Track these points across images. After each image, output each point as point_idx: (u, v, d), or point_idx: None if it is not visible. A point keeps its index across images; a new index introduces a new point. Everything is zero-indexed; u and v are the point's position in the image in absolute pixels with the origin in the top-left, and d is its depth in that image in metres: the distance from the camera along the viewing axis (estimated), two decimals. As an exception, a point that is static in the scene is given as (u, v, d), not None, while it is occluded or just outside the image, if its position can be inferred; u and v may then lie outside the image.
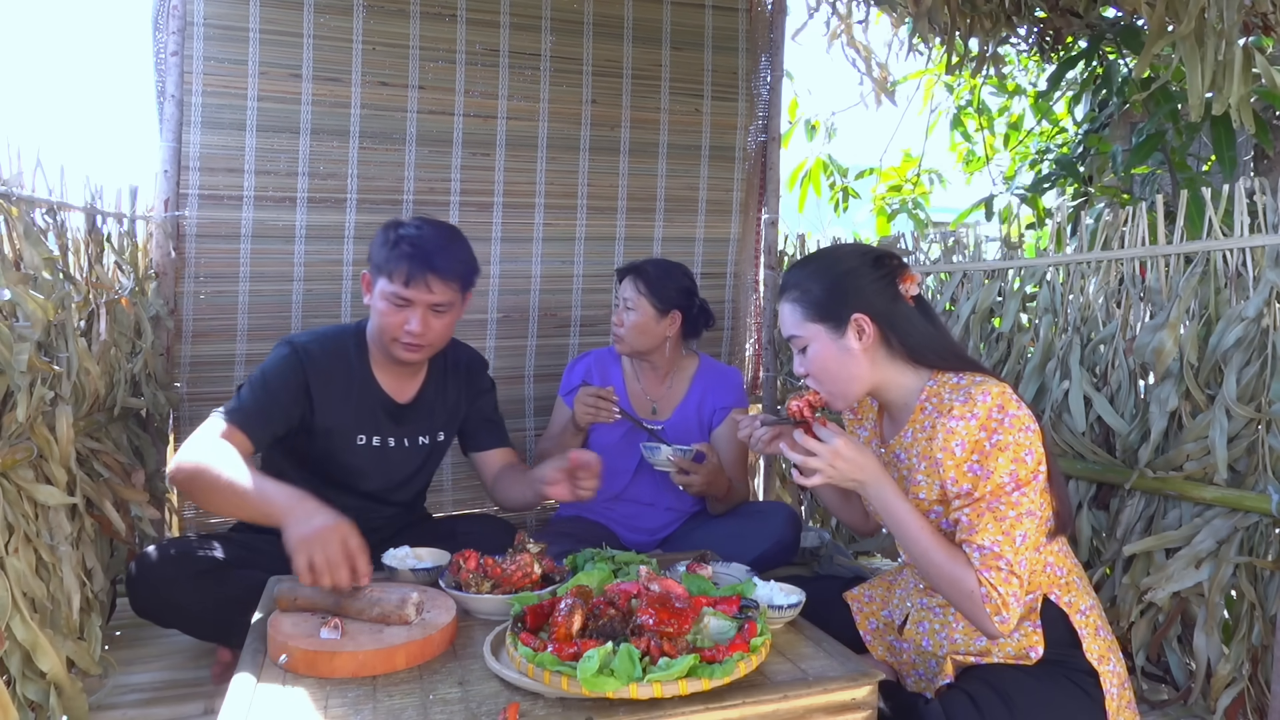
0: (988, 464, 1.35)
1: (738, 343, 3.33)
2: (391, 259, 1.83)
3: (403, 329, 1.85)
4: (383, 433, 1.99)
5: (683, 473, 2.18)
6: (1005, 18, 3.37)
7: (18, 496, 1.59)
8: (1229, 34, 2.28)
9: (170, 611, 1.82)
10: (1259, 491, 1.73)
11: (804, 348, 1.53)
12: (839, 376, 1.50)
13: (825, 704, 1.23)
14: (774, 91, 3.26)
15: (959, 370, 1.47)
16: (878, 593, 1.73)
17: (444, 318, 1.89)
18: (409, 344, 1.87)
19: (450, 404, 2.09)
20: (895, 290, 1.49)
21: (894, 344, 1.49)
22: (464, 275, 1.90)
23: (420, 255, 1.81)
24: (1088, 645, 1.43)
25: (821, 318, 1.49)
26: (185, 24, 2.53)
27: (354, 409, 1.95)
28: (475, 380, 2.14)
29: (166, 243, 2.54)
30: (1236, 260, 1.81)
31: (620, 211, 3.08)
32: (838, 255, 1.56)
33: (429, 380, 2.06)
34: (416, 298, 1.83)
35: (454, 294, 1.88)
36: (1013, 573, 1.33)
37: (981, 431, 1.36)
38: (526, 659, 1.19)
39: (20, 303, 1.55)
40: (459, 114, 2.84)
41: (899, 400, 1.53)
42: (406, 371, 2.00)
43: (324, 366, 1.91)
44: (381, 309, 1.86)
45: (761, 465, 3.28)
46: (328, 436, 1.93)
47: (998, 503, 1.35)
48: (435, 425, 2.07)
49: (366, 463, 1.99)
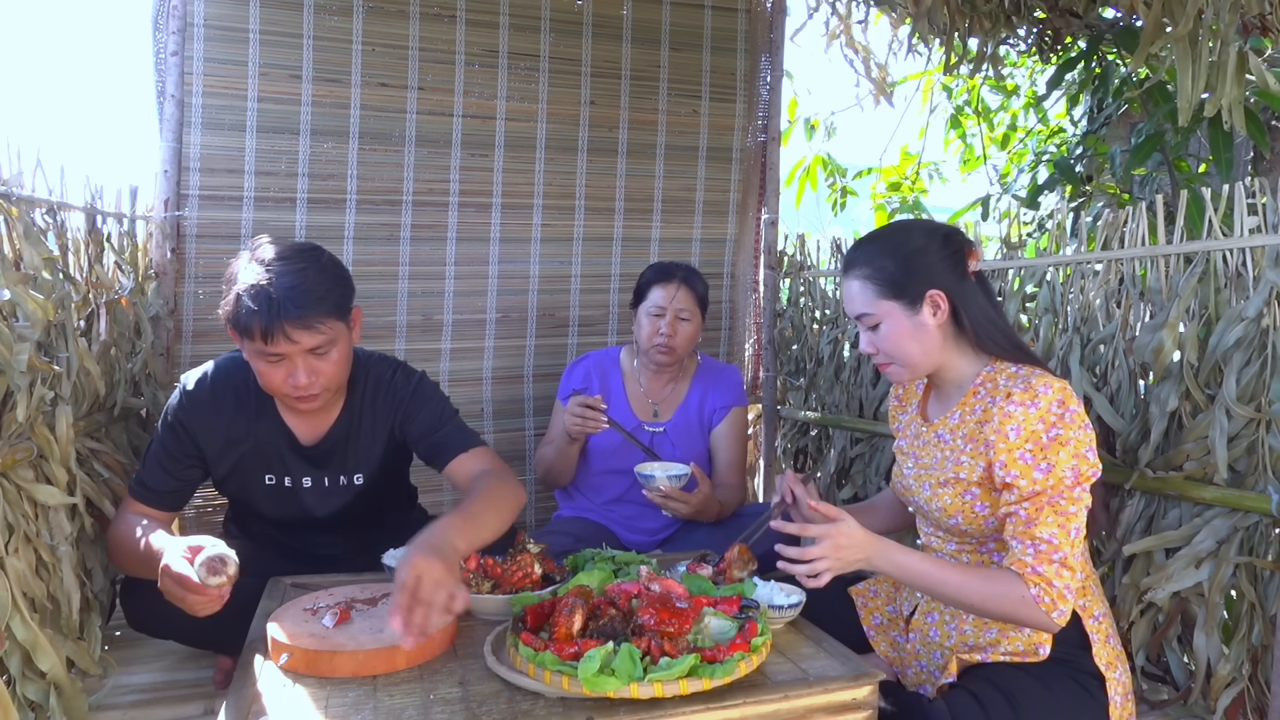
0: (1049, 458, 1.35)
1: (737, 343, 3.33)
2: (239, 318, 1.59)
3: (286, 383, 1.64)
4: (292, 473, 1.83)
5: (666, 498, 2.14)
6: (1005, 18, 3.38)
7: (18, 496, 1.59)
8: (1226, 35, 2.28)
9: (165, 623, 1.79)
10: (1259, 491, 1.73)
11: (874, 325, 1.52)
12: (911, 353, 1.50)
13: (826, 704, 1.23)
14: (774, 92, 3.26)
15: (1017, 360, 1.48)
16: (883, 588, 1.74)
17: (328, 357, 1.65)
18: (299, 397, 1.66)
19: (369, 439, 1.85)
20: (964, 267, 1.50)
21: (963, 323, 1.49)
22: (332, 308, 1.63)
23: (267, 308, 1.55)
24: (1097, 650, 1.43)
25: (896, 294, 1.49)
26: (185, 24, 2.53)
27: (255, 449, 1.79)
28: (404, 399, 1.85)
29: (165, 243, 2.54)
30: (1236, 260, 1.81)
31: (618, 212, 3.08)
32: (908, 231, 1.55)
33: (343, 415, 1.83)
34: (284, 350, 1.60)
35: (327, 332, 1.62)
36: (1066, 565, 1.33)
37: (1040, 424, 1.36)
38: (527, 659, 1.19)
39: (20, 303, 1.55)
40: (458, 115, 2.84)
41: (952, 381, 1.54)
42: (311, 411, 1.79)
43: (212, 411, 1.77)
44: (258, 368, 1.65)
45: (761, 465, 3.28)
46: (233, 477, 1.83)
47: (1059, 497, 1.35)
48: (350, 467, 1.85)
49: (283, 502, 1.85)
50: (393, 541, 1.76)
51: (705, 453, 2.46)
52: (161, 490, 1.74)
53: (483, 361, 2.98)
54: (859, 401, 2.83)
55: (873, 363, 1.54)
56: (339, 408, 1.83)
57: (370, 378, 1.85)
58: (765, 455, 3.25)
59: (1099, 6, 3.44)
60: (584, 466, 2.46)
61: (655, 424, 2.42)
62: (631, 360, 2.48)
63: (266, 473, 1.83)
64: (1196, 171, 3.73)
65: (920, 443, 1.60)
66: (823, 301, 3.10)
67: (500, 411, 3.01)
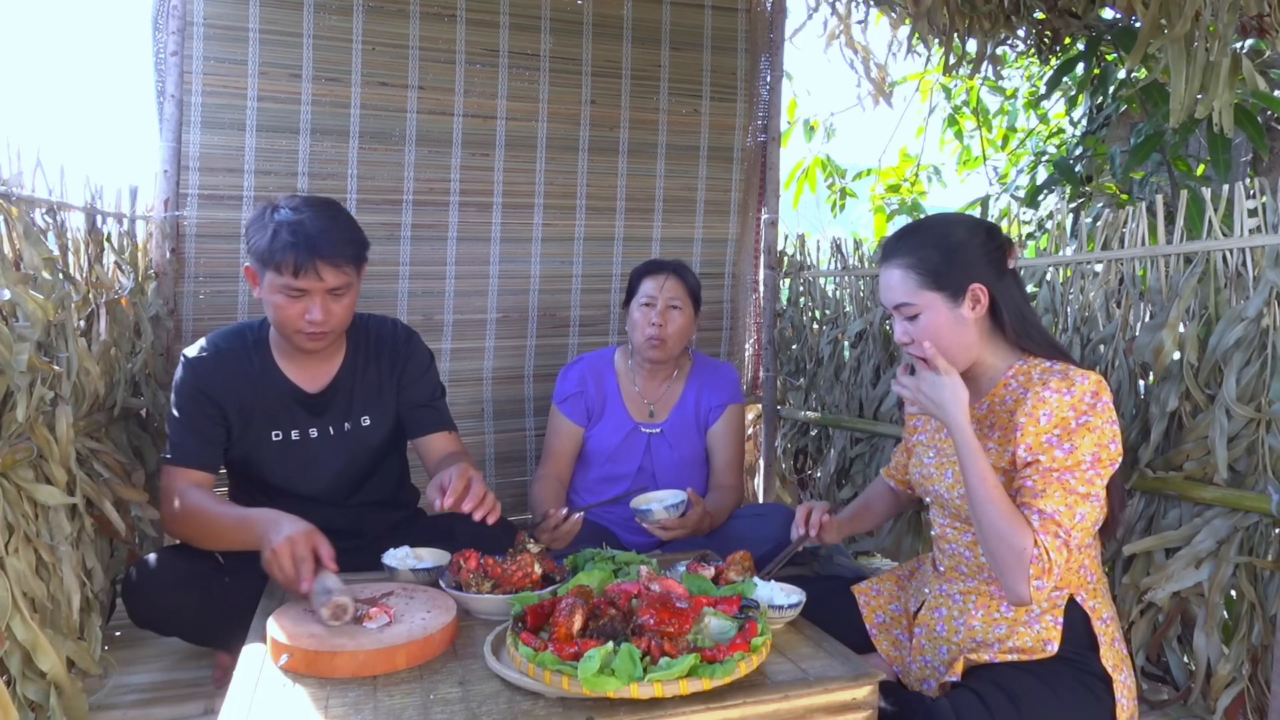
0: (1074, 440, 1.37)
1: (737, 343, 3.33)
2: (275, 250, 1.71)
3: (303, 319, 1.76)
4: (299, 425, 1.92)
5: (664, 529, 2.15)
6: (1004, 18, 3.38)
7: (18, 496, 1.59)
8: (1224, 36, 2.28)
9: (168, 620, 1.83)
10: (1259, 491, 1.73)
11: (913, 315, 1.52)
12: (951, 344, 1.50)
13: (825, 704, 1.23)
14: (774, 92, 3.26)
15: (1051, 356, 1.49)
16: (886, 587, 1.74)
17: (342, 300, 1.80)
18: (311, 334, 1.79)
19: (373, 385, 1.98)
20: (1004, 263, 1.52)
21: (1000, 318, 1.51)
22: (354, 255, 1.79)
23: (305, 243, 1.70)
24: (1104, 652, 1.43)
25: (939, 286, 1.49)
26: (185, 24, 2.53)
27: (262, 406, 1.89)
28: (405, 355, 2.01)
29: (165, 243, 2.54)
30: (1236, 260, 1.81)
31: (619, 212, 3.08)
32: (953, 225, 1.57)
33: (346, 364, 1.96)
34: (310, 287, 1.73)
35: (348, 275, 1.79)
36: (1066, 544, 1.34)
37: (1071, 410, 1.38)
38: (527, 659, 1.19)
39: (20, 303, 1.55)
40: (458, 114, 2.84)
41: (984, 375, 1.55)
42: (315, 359, 1.92)
43: (220, 371, 1.86)
44: (276, 302, 1.76)
45: (761, 465, 3.28)
46: (244, 439, 1.90)
47: (1070, 475, 1.36)
48: (356, 410, 1.96)
49: (289, 460, 1.93)
50: (392, 542, 1.77)
51: (702, 452, 2.46)
52: (202, 452, 1.83)
53: (483, 361, 2.98)
54: (859, 401, 2.83)
55: (907, 353, 1.55)
56: (340, 357, 1.96)
57: (371, 328, 2.00)
58: (765, 455, 3.25)
59: (1098, 7, 3.44)
60: (583, 467, 2.46)
61: (651, 425, 2.41)
62: (626, 361, 2.48)
63: (273, 429, 1.91)
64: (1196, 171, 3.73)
65: (944, 434, 1.60)
66: (823, 301, 3.10)
67: (500, 411, 3.01)
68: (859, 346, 2.87)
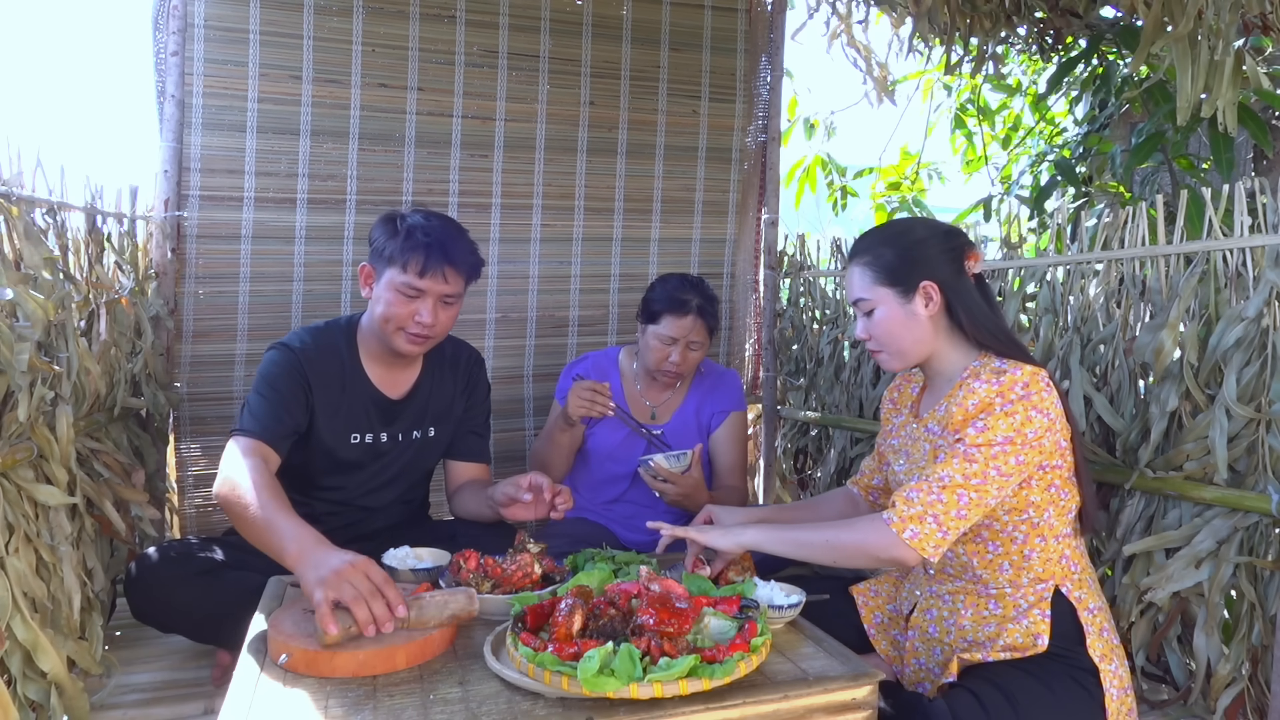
0: (990, 421, 1.39)
1: (736, 343, 3.33)
2: (405, 249, 1.81)
3: (412, 319, 1.84)
4: (375, 429, 1.98)
5: (661, 480, 2.16)
6: (1005, 17, 3.37)
7: (18, 496, 1.59)
8: (1227, 34, 2.28)
9: (169, 614, 1.83)
10: (1259, 491, 1.73)
11: (870, 311, 1.56)
12: (902, 340, 1.55)
13: (825, 704, 1.23)
14: (774, 91, 3.26)
15: (1005, 355, 1.51)
16: (884, 587, 1.74)
17: (451, 309, 1.89)
18: (415, 334, 1.86)
19: (445, 400, 2.07)
20: (962, 265, 1.54)
21: (956, 316, 1.53)
22: (473, 268, 1.90)
23: (437, 245, 1.81)
24: (1091, 642, 1.44)
25: (891, 282, 1.54)
26: (185, 25, 2.53)
27: (347, 407, 1.94)
28: (474, 379, 2.13)
29: (165, 243, 2.54)
30: (1236, 260, 1.81)
31: (618, 213, 3.08)
32: (910, 225, 1.63)
33: (424, 375, 2.04)
34: (430, 288, 1.83)
35: (463, 286, 1.89)
36: (939, 504, 1.36)
37: (998, 397, 1.40)
38: (527, 659, 1.19)
39: (20, 303, 1.55)
40: (458, 115, 2.84)
41: (945, 373, 1.58)
42: (400, 365, 1.99)
43: (319, 364, 1.90)
44: (390, 299, 1.84)
45: (761, 466, 3.28)
46: (322, 437, 1.92)
47: (973, 449, 1.38)
48: (426, 421, 2.04)
49: (359, 462, 1.98)
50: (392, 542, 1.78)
51: (704, 456, 2.45)
52: (281, 432, 1.79)
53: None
54: (859, 401, 2.83)
55: (865, 349, 1.58)
56: (418, 367, 2.04)
57: (446, 344, 2.08)
58: (765, 455, 3.25)
59: (1099, 6, 3.44)
60: (583, 467, 2.46)
61: (653, 426, 2.41)
62: (631, 362, 2.48)
63: (353, 431, 1.96)
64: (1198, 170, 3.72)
65: (912, 440, 1.63)
66: (823, 301, 3.10)
67: (500, 412, 3.00)
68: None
